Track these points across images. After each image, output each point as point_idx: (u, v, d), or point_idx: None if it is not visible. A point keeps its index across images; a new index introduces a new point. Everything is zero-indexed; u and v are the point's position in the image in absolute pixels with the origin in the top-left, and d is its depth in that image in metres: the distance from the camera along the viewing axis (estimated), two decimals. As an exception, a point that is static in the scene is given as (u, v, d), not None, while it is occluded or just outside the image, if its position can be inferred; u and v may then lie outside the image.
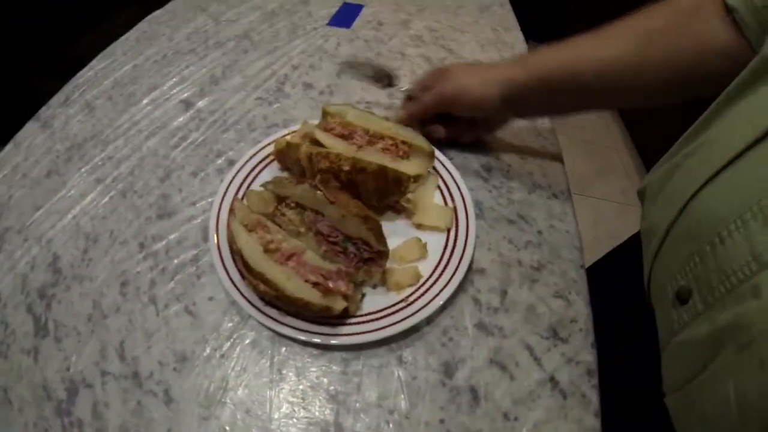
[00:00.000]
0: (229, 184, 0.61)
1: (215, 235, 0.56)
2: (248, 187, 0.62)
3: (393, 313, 0.51)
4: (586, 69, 0.55)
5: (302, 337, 0.49)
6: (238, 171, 0.62)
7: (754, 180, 0.36)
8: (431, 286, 0.53)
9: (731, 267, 0.34)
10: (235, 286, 0.52)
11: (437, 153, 0.62)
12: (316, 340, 0.49)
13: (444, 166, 0.63)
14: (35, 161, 0.69)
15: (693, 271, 0.39)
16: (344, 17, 0.94)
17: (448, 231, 0.57)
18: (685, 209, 0.41)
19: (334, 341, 0.49)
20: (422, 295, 0.52)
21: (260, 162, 0.64)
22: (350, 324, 0.50)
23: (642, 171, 2.25)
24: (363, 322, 0.50)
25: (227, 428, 0.45)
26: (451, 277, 0.53)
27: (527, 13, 0.99)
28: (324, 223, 0.52)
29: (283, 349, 0.50)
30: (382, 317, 0.51)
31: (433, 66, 0.83)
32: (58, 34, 1.16)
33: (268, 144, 0.65)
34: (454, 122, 0.65)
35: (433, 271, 0.54)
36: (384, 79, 0.69)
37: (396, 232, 0.58)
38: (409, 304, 0.51)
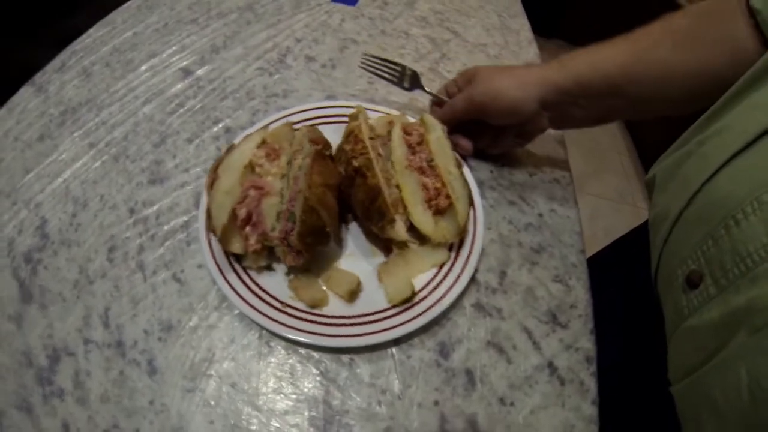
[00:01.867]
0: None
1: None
2: (318, 124, 0.61)
3: (259, 309, 0.47)
4: (621, 72, 0.52)
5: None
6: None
7: None
8: (314, 324, 0.47)
9: (746, 249, 0.34)
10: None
11: (477, 241, 0.53)
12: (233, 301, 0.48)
13: (469, 258, 0.52)
14: (28, 125, 0.67)
15: (705, 254, 0.38)
16: (350, -5, 0.91)
17: (392, 307, 0.49)
18: (698, 194, 0.41)
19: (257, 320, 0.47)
20: (301, 320, 0.47)
21: (340, 115, 0.64)
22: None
23: (640, 170, 2.25)
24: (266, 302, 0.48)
25: (212, 402, 0.44)
26: (323, 334, 0.46)
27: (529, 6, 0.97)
28: (296, 188, 0.50)
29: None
30: (265, 311, 0.47)
31: (438, 47, 0.81)
32: (56, 4, 1.14)
33: (347, 106, 0.65)
34: (482, 131, 0.60)
35: (333, 317, 0.48)
36: (408, 79, 0.66)
37: (366, 257, 0.53)
38: (288, 314, 0.47)
